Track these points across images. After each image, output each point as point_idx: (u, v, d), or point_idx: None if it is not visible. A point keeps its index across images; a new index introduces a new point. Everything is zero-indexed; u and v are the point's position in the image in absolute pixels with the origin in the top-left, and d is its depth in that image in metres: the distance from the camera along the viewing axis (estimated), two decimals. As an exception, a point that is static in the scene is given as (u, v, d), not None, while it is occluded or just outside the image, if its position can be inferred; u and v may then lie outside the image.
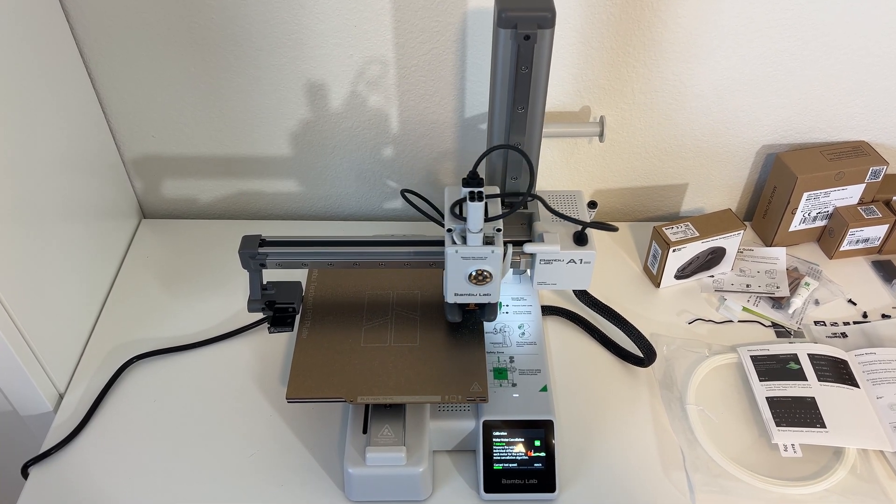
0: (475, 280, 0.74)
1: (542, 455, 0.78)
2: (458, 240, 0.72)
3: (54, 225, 0.88)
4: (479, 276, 0.74)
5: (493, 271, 0.74)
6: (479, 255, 0.72)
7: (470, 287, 0.75)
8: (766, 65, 0.97)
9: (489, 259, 0.73)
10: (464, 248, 0.72)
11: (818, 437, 0.82)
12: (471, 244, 0.72)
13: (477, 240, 0.72)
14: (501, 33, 0.72)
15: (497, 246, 0.72)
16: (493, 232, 0.74)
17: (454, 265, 0.73)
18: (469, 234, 0.72)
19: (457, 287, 0.75)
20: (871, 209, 1.03)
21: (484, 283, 0.74)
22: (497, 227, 0.74)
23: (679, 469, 0.81)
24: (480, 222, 0.71)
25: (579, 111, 1.01)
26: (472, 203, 0.69)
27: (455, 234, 0.73)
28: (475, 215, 0.70)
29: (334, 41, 0.94)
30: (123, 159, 1.07)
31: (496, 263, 0.73)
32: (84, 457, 0.82)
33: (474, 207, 0.69)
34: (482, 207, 0.69)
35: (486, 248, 0.72)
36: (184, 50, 0.95)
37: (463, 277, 0.74)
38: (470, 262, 0.73)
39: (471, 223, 0.71)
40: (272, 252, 0.78)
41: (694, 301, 0.99)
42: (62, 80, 0.90)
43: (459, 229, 0.73)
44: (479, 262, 0.73)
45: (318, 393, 0.77)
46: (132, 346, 0.93)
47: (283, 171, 1.09)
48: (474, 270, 0.74)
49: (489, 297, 0.76)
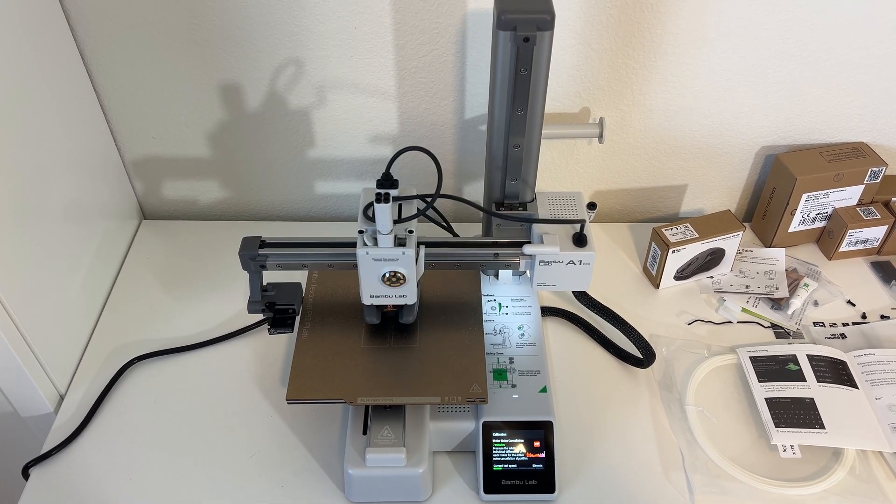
0: (389, 282, 0.74)
1: (542, 456, 0.78)
2: (370, 241, 0.72)
3: (55, 226, 0.88)
4: (392, 277, 0.74)
5: (407, 273, 0.73)
6: (390, 256, 0.72)
7: (385, 289, 0.75)
8: (765, 66, 0.97)
9: (401, 260, 0.73)
10: (374, 249, 0.72)
11: (817, 437, 0.82)
12: (381, 246, 0.72)
13: (387, 241, 0.71)
14: (501, 35, 0.72)
15: (409, 247, 0.72)
16: (405, 233, 0.73)
17: (366, 267, 0.73)
18: (379, 236, 0.71)
19: (371, 289, 0.75)
20: (870, 210, 1.03)
21: (398, 284, 0.74)
22: (409, 228, 0.74)
23: (678, 470, 0.81)
24: (389, 224, 0.70)
25: (579, 112, 1.02)
26: (378, 205, 0.69)
27: (366, 235, 0.73)
28: (383, 217, 0.70)
29: (334, 43, 0.94)
30: (124, 160, 1.07)
31: (409, 265, 0.73)
32: (85, 458, 0.82)
33: (381, 209, 0.69)
34: (389, 209, 0.69)
35: (396, 249, 0.72)
36: (184, 51, 0.95)
37: (376, 279, 0.74)
38: (382, 263, 0.73)
39: (379, 225, 0.70)
40: (272, 253, 0.78)
41: (693, 302, 1.00)
42: (62, 81, 0.91)
43: (371, 231, 0.73)
44: (391, 264, 0.73)
45: (318, 394, 0.77)
46: (133, 347, 0.93)
47: (282, 172, 1.09)
48: (387, 272, 0.73)
49: (405, 298, 0.76)
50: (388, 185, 0.71)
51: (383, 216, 0.70)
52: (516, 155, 0.82)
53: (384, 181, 0.72)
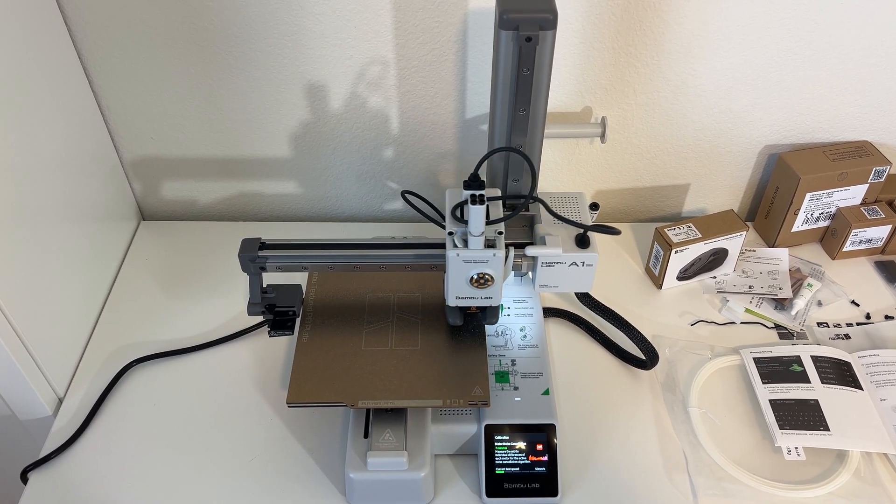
0: (476, 283, 0.74)
1: (545, 459, 0.78)
2: (460, 243, 0.72)
3: (53, 227, 0.87)
4: (480, 279, 0.73)
5: (495, 274, 0.73)
6: (480, 258, 0.72)
7: (471, 290, 0.75)
8: (768, 64, 0.96)
9: (491, 262, 0.72)
10: (465, 251, 0.71)
11: (821, 440, 0.81)
12: (472, 247, 0.71)
13: (478, 243, 0.71)
14: (503, 35, 0.71)
15: (499, 249, 0.72)
16: (495, 235, 0.73)
17: (455, 268, 0.73)
18: (470, 238, 0.71)
19: (458, 290, 0.75)
20: (874, 209, 1.02)
21: (485, 286, 0.74)
22: (498, 229, 0.74)
23: (682, 472, 0.81)
24: (482, 225, 0.70)
25: (581, 111, 1.01)
26: (473, 206, 0.68)
27: (456, 237, 0.72)
28: (476, 218, 0.69)
29: (334, 42, 0.94)
30: (122, 161, 1.06)
31: (498, 266, 0.73)
32: (84, 461, 0.82)
33: (476, 210, 0.69)
34: (483, 210, 0.69)
35: (487, 251, 0.72)
36: (183, 51, 0.94)
37: (464, 281, 0.74)
38: (471, 265, 0.73)
39: (472, 226, 0.70)
40: (272, 255, 0.77)
41: (696, 302, 0.99)
42: (60, 82, 0.90)
43: (461, 232, 0.73)
44: (480, 266, 0.73)
45: (318, 397, 0.76)
46: (132, 350, 0.92)
47: (282, 173, 1.08)
48: (476, 274, 0.73)
49: (490, 300, 0.76)
50: (477, 185, 0.71)
51: (477, 217, 0.69)
52: (518, 155, 0.81)
53: (472, 182, 0.71)
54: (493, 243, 0.72)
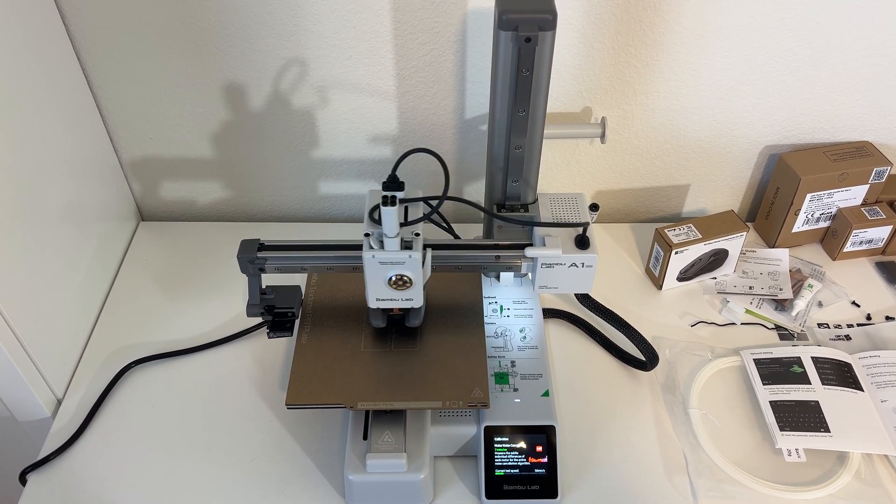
0: (395, 285, 0.73)
1: (544, 460, 0.78)
2: (376, 244, 0.71)
3: (51, 228, 0.87)
4: (398, 281, 0.73)
5: (413, 276, 0.73)
6: (396, 259, 0.71)
7: (391, 292, 0.74)
8: (768, 64, 0.96)
9: (407, 264, 0.72)
10: (381, 252, 0.71)
11: (822, 441, 0.81)
12: (388, 249, 0.71)
13: (394, 245, 0.71)
14: (502, 35, 0.71)
15: (415, 251, 0.71)
16: (412, 236, 0.72)
17: (372, 270, 0.72)
18: (385, 239, 0.71)
19: (377, 292, 0.74)
20: (875, 210, 1.02)
21: (404, 287, 0.74)
22: (416, 231, 0.73)
23: (682, 474, 0.80)
24: (395, 227, 0.70)
25: (580, 112, 1.00)
26: (384, 208, 0.68)
27: (372, 238, 0.72)
28: (389, 220, 0.69)
29: (333, 42, 0.93)
30: (121, 161, 1.06)
31: (415, 268, 0.72)
32: (82, 463, 0.81)
33: (388, 212, 0.68)
34: (395, 212, 0.68)
35: (403, 252, 0.71)
36: (182, 51, 0.94)
37: (382, 282, 0.73)
38: (388, 266, 0.72)
39: (386, 228, 0.70)
40: (271, 256, 0.77)
41: (696, 303, 0.99)
42: (59, 82, 0.90)
43: (377, 234, 0.72)
44: (397, 267, 0.72)
45: (317, 399, 0.76)
46: (130, 351, 0.92)
47: (281, 173, 1.08)
48: (393, 275, 0.73)
49: (412, 301, 0.75)
50: (394, 187, 0.70)
51: (390, 219, 0.69)
52: (518, 156, 0.81)
53: (390, 183, 0.71)
54: (410, 244, 0.72)
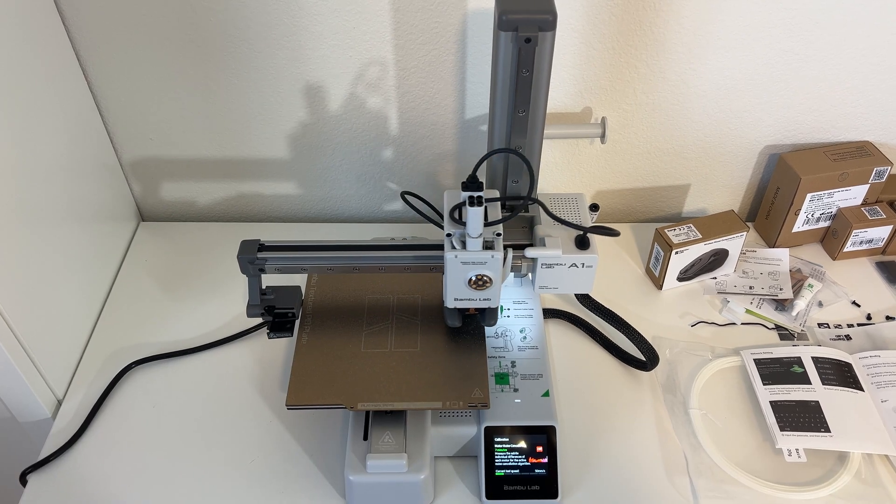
0: (475, 285, 0.74)
1: (545, 461, 0.78)
2: (458, 245, 0.72)
3: (52, 228, 0.87)
4: (478, 280, 0.73)
5: (493, 276, 0.73)
6: (478, 259, 0.72)
7: (470, 292, 0.75)
8: (769, 64, 0.96)
9: (489, 264, 0.72)
10: (463, 252, 0.71)
11: (822, 441, 0.81)
12: (470, 249, 0.71)
13: (476, 245, 0.71)
14: (502, 36, 0.71)
15: (497, 251, 0.72)
16: (493, 236, 0.73)
17: (454, 270, 0.73)
18: (468, 239, 0.71)
19: (456, 292, 0.75)
20: (875, 210, 1.02)
21: (484, 287, 0.74)
22: (497, 231, 0.73)
23: (683, 474, 0.80)
24: (480, 227, 0.70)
25: (581, 112, 1.00)
26: (471, 208, 0.68)
27: (454, 238, 0.72)
28: (474, 220, 0.69)
29: (333, 43, 0.93)
30: (121, 162, 1.06)
31: (496, 268, 0.73)
32: (83, 464, 0.81)
33: (473, 212, 0.69)
34: (482, 212, 0.69)
35: (485, 252, 0.71)
36: (181, 52, 0.94)
37: (463, 282, 0.74)
38: (469, 266, 0.72)
39: (470, 228, 0.70)
40: (271, 257, 0.77)
41: (697, 303, 0.99)
42: (59, 83, 0.89)
43: (459, 234, 0.72)
44: (478, 267, 0.72)
45: (318, 399, 0.76)
46: (131, 351, 0.92)
47: (282, 174, 1.08)
48: (474, 275, 0.73)
49: (489, 301, 0.76)
50: (475, 187, 0.71)
51: (475, 219, 0.69)
52: (516, 156, 0.81)
53: (470, 183, 0.71)
54: (492, 245, 0.72)
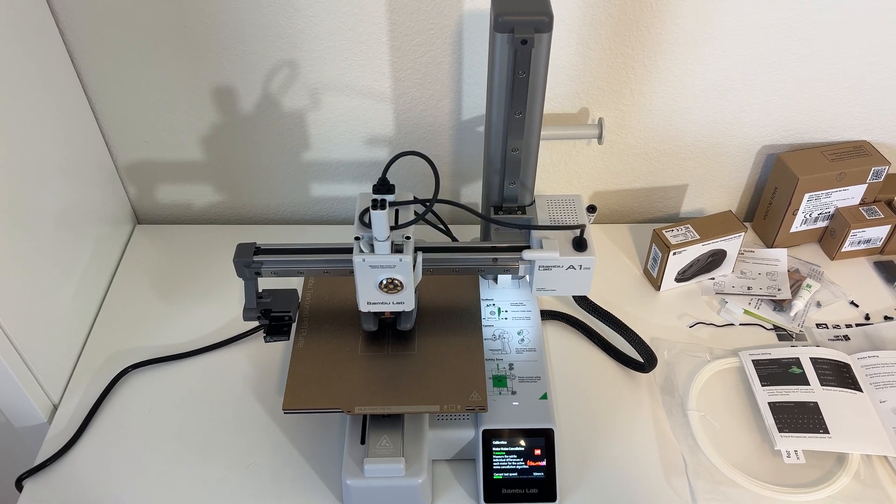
0: (386, 289, 0.73)
1: (543, 464, 0.77)
2: (366, 248, 0.71)
3: (47, 232, 0.86)
4: (389, 284, 0.73)
5: (404, 280, 0.72)
6: (387, 263, 0.71)
7: (382, 295, 0.74)
8: (766, 64, 0.96)
9: (398, 267, 0.71)
10: (371, 256, 0.71)
11: (821, 443, 0.81)
12: (378, 252, 0.71)
13: (384, 248, 0.71)
14: (498, 38, 0.71)
15: (406, 254, 0.71)
16: (402, 240, 0.72)
17: (363, 274, 0.72)
18: (376, 243, 0.70)
19: (368, 296, 0.74)
20: (873, 210, 1.02)
21: (395, 291, 0.73)
22: (406, 234, 0.73)
23: (681, 476, 0.80)
24: (386, 230, 0.69)
25: (577, 113, 1.00)
26: (374, 211, 0.68)
27: (363, 242, 0.72)
28: (379, 223, 0.69)
29: (328, 44, 0.93)
30: (116, 165, 1.05)
31: (406, 272, 0.72)
32: (79, 468, 0.81)
33: (378, 216, 0.68)
34: (385, 216, 0.68)
35: (393, 256, 0.71)
36: (176, 54, 0.94)
37: (373, 286, 0.73)
38: (378, 270, 0.72)
39: (376, 231, 0.69)
40: (267, 260, 0.77)
41: (695, 304, 0.98)
42: (53, 85, 0.89)
43: (367, 237, 0.72)
44: (388, 271, 0.72)
45: (315, 404, 0.76)
46: (127, 355, 0.92)
47: (277, 176, 1.07)
48: (384, 279, 0.72)
49: (403, 305, 0.75)
50: (385, 190, 0.70)
51: (380, 223, 0.68)
52: (514, 158, 0.81)
53: (380, 186, 0.71)
54: (401, 248, 0.71)
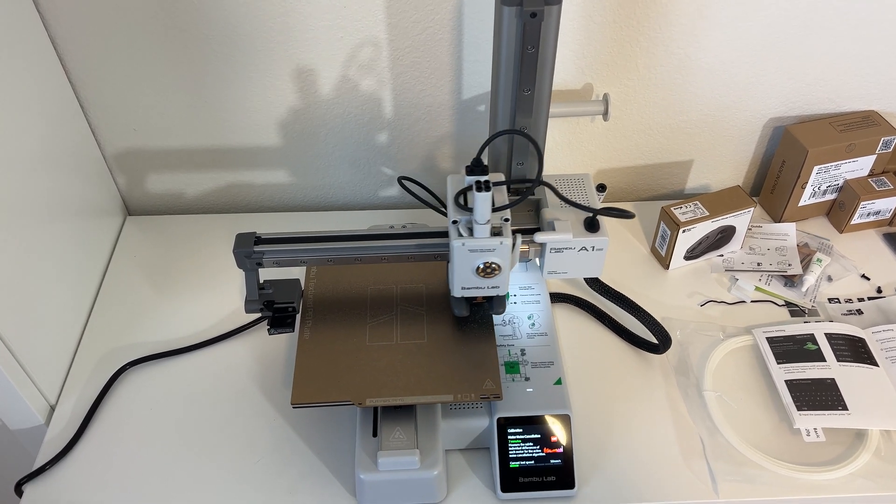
0: (483, 273, 0.71)
1: (560, 451, 0.75)
2: (465, 232, 0.69)
3: (34, 227, 0.83)
4: (487, 268, 0.70)
5: (502, 263, 0.70)
6: (487, 247, 0.69)
7: (477, 280, 0.72)
8: (772, 34, 0.93)
9: (498, 251, 0.69)
10: (471, 240, 0.68)
11: (841, 419, 0.79)
12: (478, 236, 0.68)
13: (484, 231, 0.68)
14: (506, 11, 0.68)
15: (506, 237, 0.69)
16: (501, 222, 0.70)
17: (461, 258, 0.70)
18: (476, 226, 0.68)
19: (464, 281, 0.72)
20: (882, 181, 1.00)
21: (492, 275, 0.71)
22: (504, 216, 0.71)
23: (700, 458, 0.79)
24: (488, 213, 0.67)
25: (581, 89, 0.97)
26: (478, 193, 0.65)
27: (461, 225, 0.69)
28: (482, 206, 0.66)
29: (323, 23, 0.89)
30: (104, 154, 1.01)
31: (505, 255, 0.70)
32: (80, 471, 0.78)
33: (481, 198, 0.65)
34: (489, 197, 0.66)
35: (494, 239, 0.68)
36: (164, 36, 0.90)
37: (470, 271, 0.71)
38: (477, 254, 0.69)
39: (478, 214, 0.67)
40: (269, 250, 0.74)
41: (704, 282, 0.97)
42: (35, 73, 0.85)
43: (465, 221, 0.69)
44: (487, 255, 0.69)
45: (324, 397, 0.73)
46: (124, 352, 0.89)
47: (273, 161, 1.04)
48: (482, 263, 0.70)
49: (498, 289, 0.73)
50: (480, 171, 0.67)
51: (483, 205, 0.66)
52: (523, 137, 0.78)
53: (475, 167, 0.68)
54: (500, 231, 0.69)
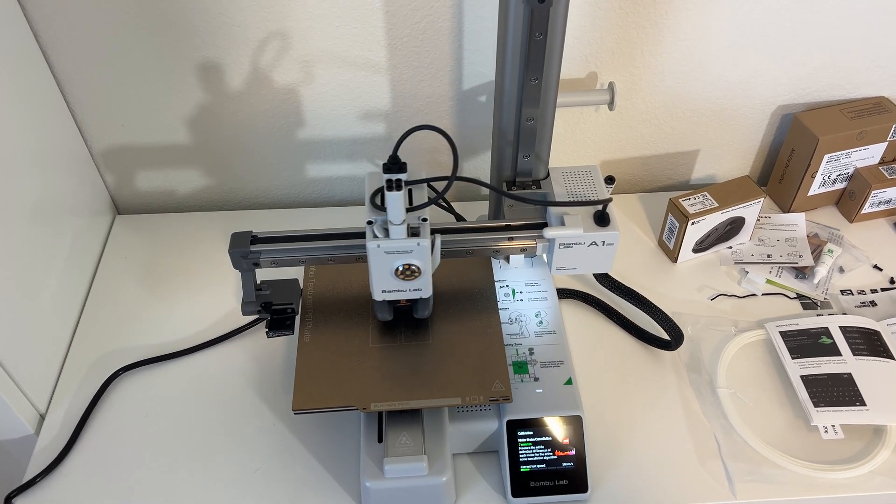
0: (403, 275, 0.68)
1: (572, 453, 0.73)
2: (380, 233, 0.66)
3: (20, 228, 0.79)
4: (406, 270, 0.67)
5: (422, 265, 0.67)
6: (404, 248, 0.66)
7: (398, 283, 0.69)
8: (782, 20, 0.91)
9: (416, 252, 0.66)
10: (386, 241, 0.65)
11: (859, 415, 0.77)
12: (394, 237, 0.65)
13: (400, 232, 0.65)
14: (512, -3, 0.65)
15: (423, 237, 0.66)
16: (419, 222, 0.67)
17: (377, 261, 0.67)
18: (391, 227, 0.65)
19: (383, 283, 0.69)
20: (894, 169, 0.98)
21: (412, 277, 0.68)
22: (422, 216, 0.67)
23: (715, 458, 0.76)
24: (402, 213, 0.64)
25: (585, 78, 0.94)
26: (389, 193, 0.62)
27: (376, 226, 0.66)
28: (395, 206, 0.63)
29: (318, 12, 0.86)
30: (92, 152, 0.98)
31: (424, 256, 0.67)
32: (72, 482, 0.75)
33: (393, 197, 0.62)
34: (402, 197, 0.62)
35: (411, 240, 0.65)
36: (153, 28, 0.86)
37: (389, 273, 0.68)
38: (394, 256, 0.66)
39: (391, 214, 0.64)
40: (266, 249, 0.71)
41: (714, 275, 0.94)
42: (18, 69, 0.81)
43: (381, 221, 0.66)
44: (404, 256, 0.66)
45: (327, 402, 0.70)
46: (116, 357, 0.86)
47: (266, 156, 1.01)
48: (401, 265, 0.67)
49: (420, 291, 0.70)
50: (397, 169, 0.64)
51: (395, 205, 0.63)
52: (530, 128, 0.75)
53: (392, 165, 0.65)
54: (418, 231, 0.66)
